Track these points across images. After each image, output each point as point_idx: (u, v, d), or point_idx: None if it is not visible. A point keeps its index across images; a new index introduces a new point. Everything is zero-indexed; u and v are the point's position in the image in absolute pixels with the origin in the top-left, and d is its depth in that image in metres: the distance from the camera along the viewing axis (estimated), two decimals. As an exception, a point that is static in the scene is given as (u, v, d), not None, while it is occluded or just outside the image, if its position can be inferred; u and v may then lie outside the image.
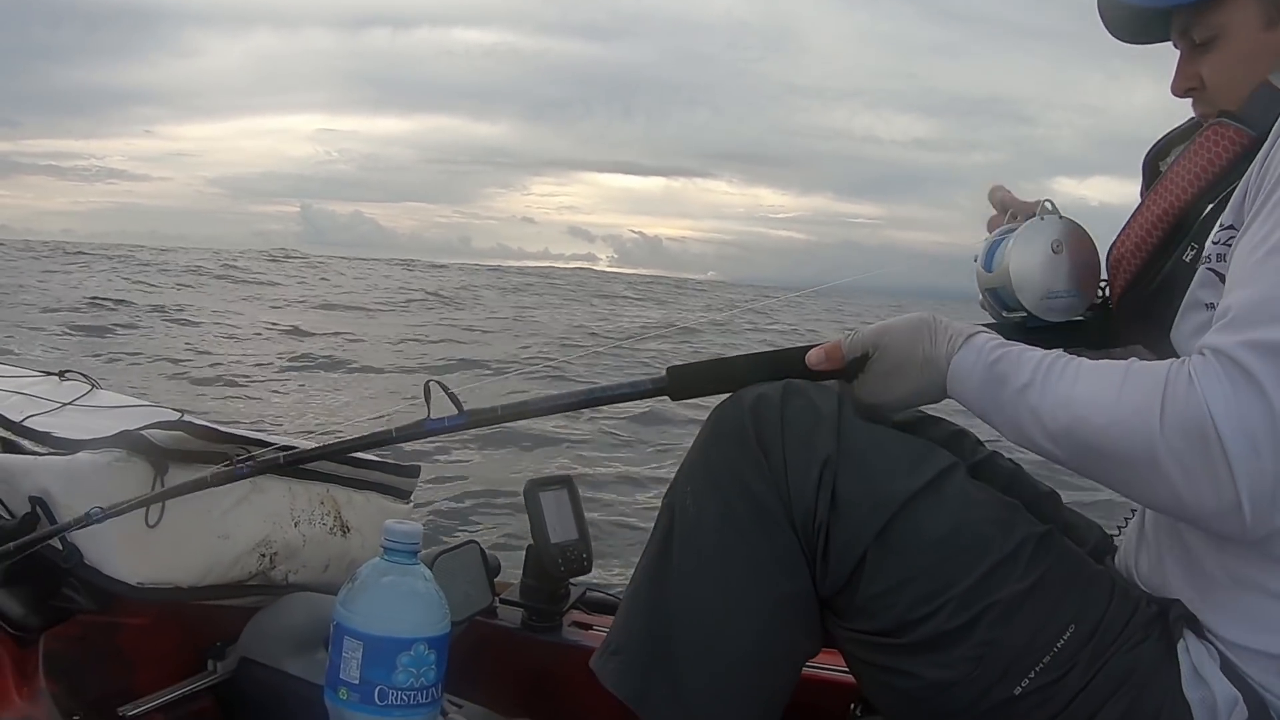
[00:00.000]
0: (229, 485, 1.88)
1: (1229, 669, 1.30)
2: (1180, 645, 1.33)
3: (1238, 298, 1.21)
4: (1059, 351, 1.36)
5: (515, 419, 1.65)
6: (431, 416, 1.59)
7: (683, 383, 1.57)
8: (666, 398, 1.59)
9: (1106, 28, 1.60)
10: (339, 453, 1.80)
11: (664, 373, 1.58)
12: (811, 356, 1.51)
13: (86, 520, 1.62)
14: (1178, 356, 1.32)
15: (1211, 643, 1.32)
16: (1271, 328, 1.16)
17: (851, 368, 1.50)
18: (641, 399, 1.62)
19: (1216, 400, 1.15)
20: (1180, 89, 1.53)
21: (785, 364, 1.54)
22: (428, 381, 1.59)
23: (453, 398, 1.59)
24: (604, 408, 6.94)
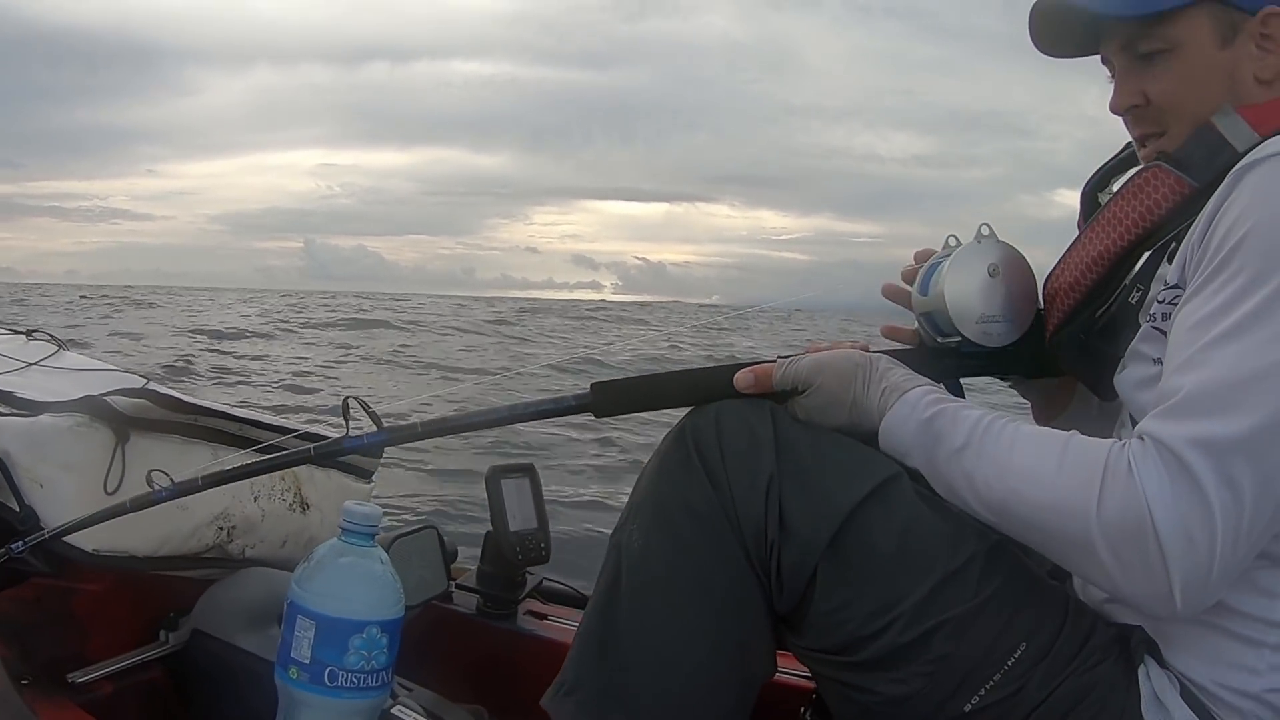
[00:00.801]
0: (191, 456, 1.87)
1: (1189, 697, 1.30)
2: (1141, 670, 1.33)
3: (1181, 383, 1.20)
4: (997, 414, 1.35)
5: (435, 435, 1.63)
6: (350, 434, 1.59)
7: (607, 400, 1.54)
8: (590, 415, 1.56)
9: (1033, 38, 1.56)
10: (257, 472, 1.78)
11: (589, 389, 1.54)
12: (740, 380, 1.49)
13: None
14: (1117, 396, 1.32)
15: (1172, 671, 1.32)
16: (1213, 421, 1.16)
17: (780, 397, 1.48)
18: (565, 415, 1.58)
19: (1154, 493, 1.15)
20: (1123, 105, 1.49)
21: (712, 384, 1.51)
22: (345, 399, 1.57)
23: (372, 416, 1.57)
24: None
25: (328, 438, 2.24)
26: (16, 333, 2.50)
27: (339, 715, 1.47)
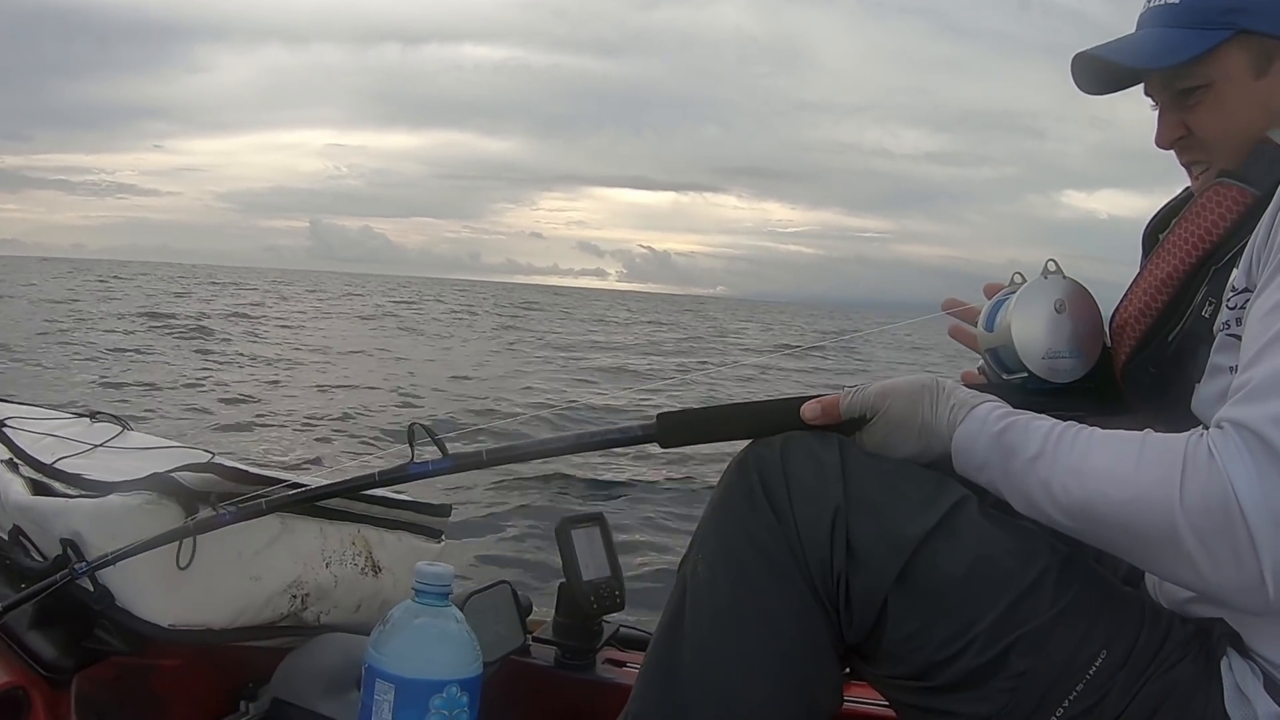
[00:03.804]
0: (260, 526, 1.87)
1: (1273, 686, 1.27)
2: (1224, 663, 1.31)
3: (1256, 371, 1.19)
4: (1070, 422, 1.34)
5: (500, 463, 1.63)
6: (416, 460, 1.59)
7: (673, 430, 1.54)
8: (656, 445, 1.56)
9: (1075, 81, 1.61)
10: (321, 496, 1.80)
11: (654, 419, 1.54)
12: (806, 410, 1.49)
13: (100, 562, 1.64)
14: (1197, 425, 1.30)
15: (1256, 661, 1.30)
16: None
17: (848, 426, 1.48)
18: (631, 445, 1.59)
19: (1239, 475, 1.13)
20: (1167, 140, 1.55)
21: (779, 415, 1.50)
22: (412, 425, 1.58)
23: (438, 442, 1.58)
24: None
25: (409, 504, 2.25)
26: (80, 415, 2.52)
27: (424, 777, 1.46)
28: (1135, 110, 1.59)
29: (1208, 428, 1.25)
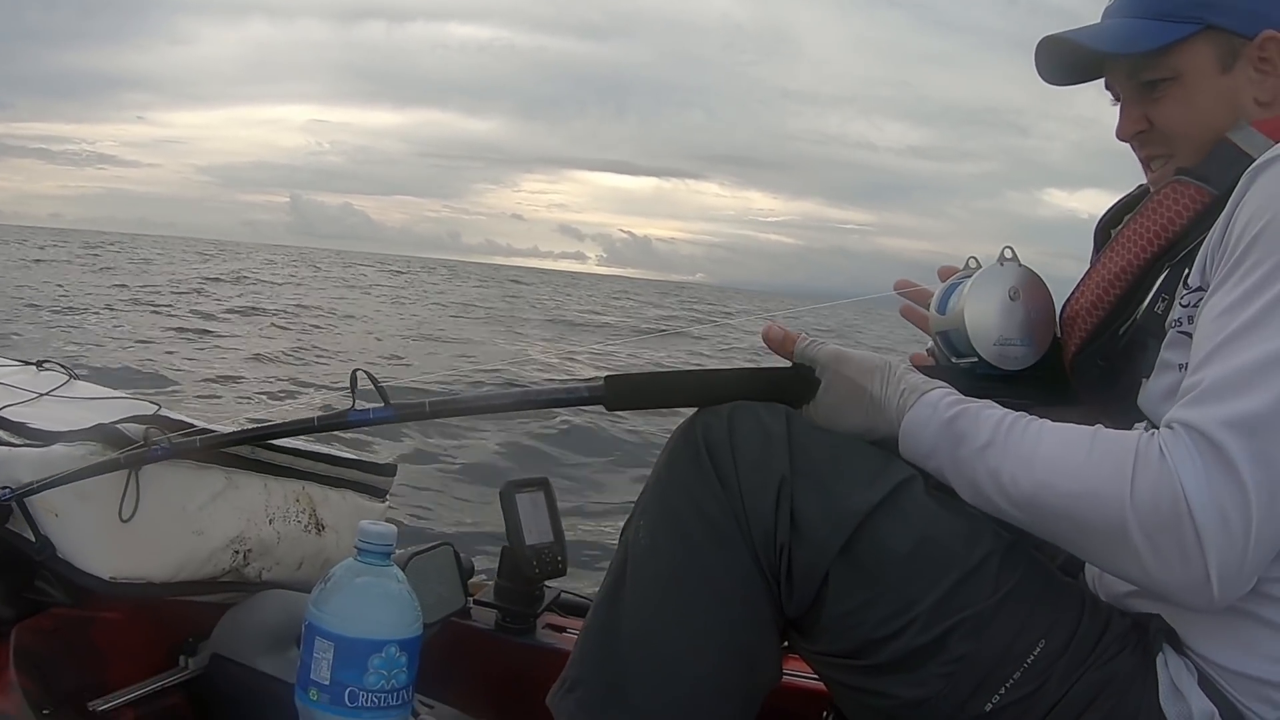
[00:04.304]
0: (204, 481, 1.87)
1: (1206, 684, 1.28)
2: (1159, 659, 1.32)
3: (1207, 373, 1.20)
4: (1020, 413, 1.34)
5: (443, 415, 1.61)
6: (357, 407, 1.58)
7: (620, 394, 1.51)
8: (602, 407, 1.53)
9: (1038, 69, 1.61)
10: (259, 438, 1.81)
11: (602, 381, 1.51)
12: (769, 330, 1.51)
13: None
14: (1143, 420, 1.31)
15: (1190, 658, 1.31)
16: (1241, 401, 1.15)
17: (796, 380, 1.48)
18: (577, 406, 1.59)
19: (1189, 476, 1.14)
20: (1129, 132, 1.55)
21: (727, 384, 1.49)
22: (354, 371, 1.57)
23: (380, 391, 1.57)
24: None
25: (355, 462, 2.25)
26: (27, 364, 2.50)
27: (360, 735, 1.47)
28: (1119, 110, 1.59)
29: (1154, 422, 1.26)
